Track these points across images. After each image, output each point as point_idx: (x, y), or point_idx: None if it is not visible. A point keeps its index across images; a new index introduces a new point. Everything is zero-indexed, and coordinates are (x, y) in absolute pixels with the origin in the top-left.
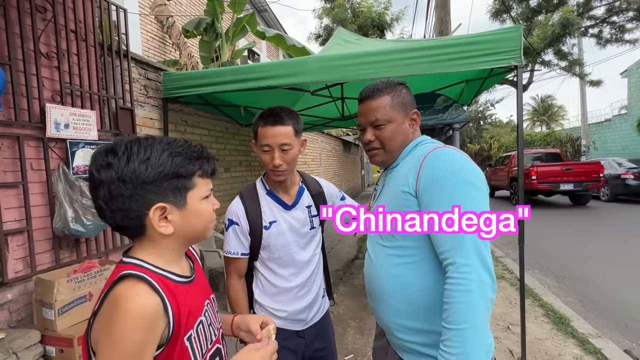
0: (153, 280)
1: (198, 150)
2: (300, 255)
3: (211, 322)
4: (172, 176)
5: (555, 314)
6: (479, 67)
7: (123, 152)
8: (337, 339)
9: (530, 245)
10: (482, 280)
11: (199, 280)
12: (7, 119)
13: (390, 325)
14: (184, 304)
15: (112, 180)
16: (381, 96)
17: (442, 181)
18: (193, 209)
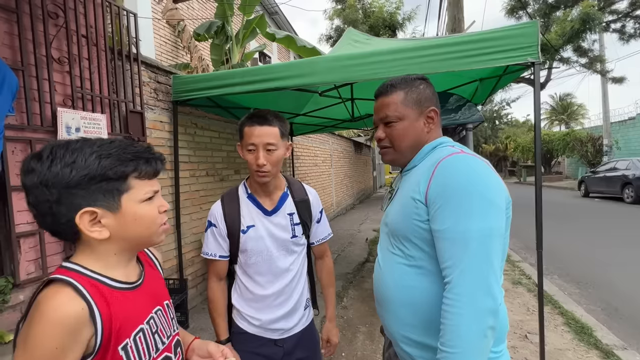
0: (81, 285)
1: (135, 150)
2: (279, 263)
3: (158, 330)
4: (99, 179)
5: (577, 322)
6: (493, 64)
7: (47, 156)
8: (346, 345)
9: (550, 250)
10: (478, 305)
11: (148, 286)
12: (20, 124)
13: (396, 336)
14: (119, 310)
15: (35, 185)
16: (394, 92)
17: (453, 192)
18: (130, 212)
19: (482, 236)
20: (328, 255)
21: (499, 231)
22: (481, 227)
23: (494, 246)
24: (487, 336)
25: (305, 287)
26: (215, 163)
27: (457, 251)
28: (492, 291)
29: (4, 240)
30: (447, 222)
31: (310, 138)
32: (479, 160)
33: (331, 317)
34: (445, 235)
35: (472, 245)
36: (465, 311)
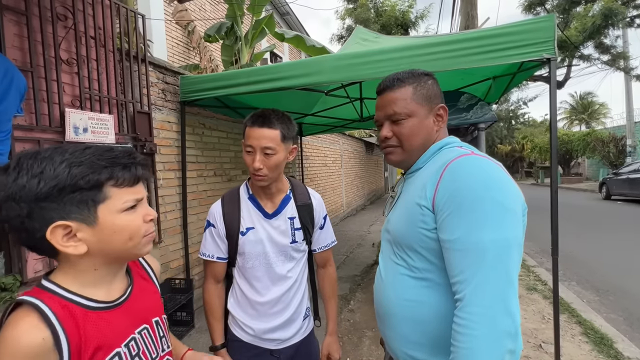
0: (51, 308)
1: (111, 156)
2: (277, 269)
3: (140, 352)
4: (70, 189)
5: (596, 333)
6: (506, 61)
7: (14, 167)
8: (352, 349)
9: (568, 254)
10: (496, 325)
11: (135, 303)
12: (29, 124)
13: (398, 354)
14: (92, 334)
15: (2, 199)
16: (402, 87)
17: (464, 198)
18: (108, 224)
19: (498, 247)
20: (331, 265)
21: (517, 241)
22: (497, 237)
23: (511, 258)
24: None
25: (305, 296)
26: (223, 163)
27: (470, 264)
28: (511, 310)
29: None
30: (458, 231)
31: (320, 138)
32: (492, 163)
33: (332, 330)
34: (456, 246)
35: (487, 257)
36: (480, 332)
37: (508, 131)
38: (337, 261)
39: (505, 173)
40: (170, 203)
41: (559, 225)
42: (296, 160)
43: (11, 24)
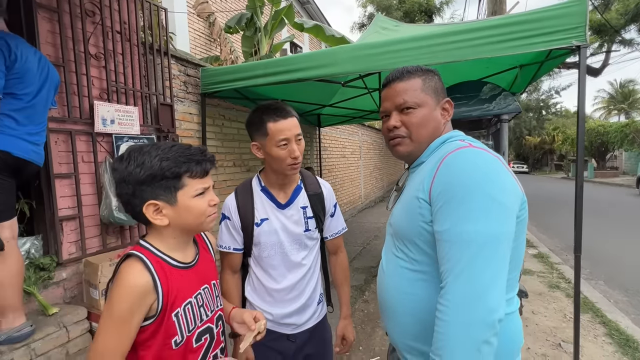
0: (149, 261)
1: (189, 153)
2: (292, 257)
3: (204, 303)
4: (160, 178)
5: (621, 334)
6: (532, 49)
7: (126, 157)
8: (365, 339)
9: (596, 252)
10: (472, 315)
11: (200, 267)
12: (62, 116)
13: (399, 345)
14: (174, 284)
15: (118, 180)
16: (411, 78)
17: (455, 191)
18: (184, 205)
19: (483, 239)
20: (342, 251)
21: (506, 236)
22: (483, 230)
23: (497, 252)
24: (480, 351)
25: (318, 282)
26: (242, 154)
27: (454, 254)
28: (488, 301)
29: (49, 223)
30: (447, 223)
31: (338, 129)
32: (489, 155)
33: (346, 314)
34: (444, 236)
35: (470, 248)
36: (454, 319)
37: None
38: (354, 252)
39: (503, 166)
40: None
41: (589, 222)
42: (314, 151)
43: (44, 21)
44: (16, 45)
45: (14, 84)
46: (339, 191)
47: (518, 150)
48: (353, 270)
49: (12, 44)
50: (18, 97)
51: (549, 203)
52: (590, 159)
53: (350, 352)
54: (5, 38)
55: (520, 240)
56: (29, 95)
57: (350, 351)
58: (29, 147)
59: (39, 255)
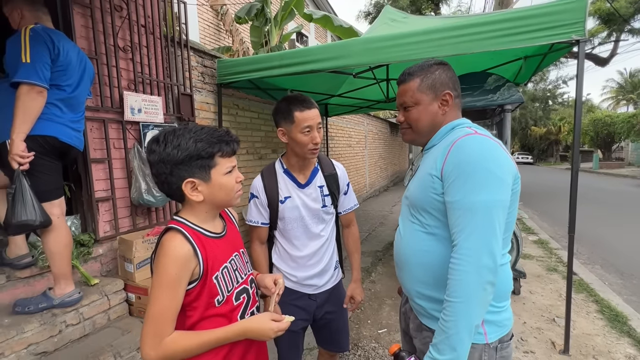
0: (188, 233)
1: (219, 135)
2: (312, 229)
3: (237, 268)
4: (196, 157)
5: (612, 311)
6: (533, 43)
7: (162, 140)
8: (372, 313)
9: (596, 239)
10: (480, 263)
11: (230, 237)
12: (95, 105)
13: (412, 292)
14: (211, 252)
15: (156, 161)
16: (411, 80)
17: (464, 168)
18: (217, 182)
19: (487, 207)
20: (354, 224)
21: (503, 203)
22: (487, 199)
23: (497, 216)
24: (486, 290)
25: (335, 251)
26: (254, 142)
27: (464, 219)
28: (492, 252)
29: (87, 204)
30: (458, 194)
31: (344, 119)
32: (491, 141)
33: (356, 278)
34: (456, 205)
35: (477, 214)
36: (468, 268)
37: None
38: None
39: (502, 149)
40: None
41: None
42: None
43: (79, 16)
44: (59, 41)
45: (58, 76)
46: None
47: (523, 141)
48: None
49: (55, 39)
50: (62, 88)
51: (551, 193)
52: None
53: (360, 325)
54: (49, 34)
55: (513, 208)
56: (71, 87)
57: (360, 324)
58: (72, 133)
59: (79, 232)
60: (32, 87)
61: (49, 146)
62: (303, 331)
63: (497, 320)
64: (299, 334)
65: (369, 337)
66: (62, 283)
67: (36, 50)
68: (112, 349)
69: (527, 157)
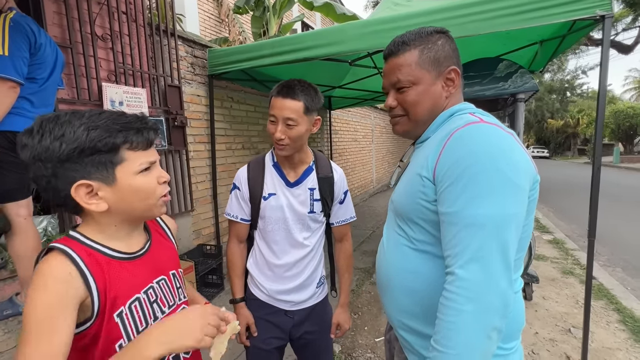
0: (77, 253)
1: (125, 121)
2: (294, 235)
3: (158, 299)
4: (90, 152)
5: (636, 321)
6: (552, 20)
7: (37, 130)
8: (371, 320)
9: (616, 239)
10: (484, 302)
11: (154, 256)
12: (71, 98)
13: (395, 322)
14: (114, 279)
15: (30, 160)
16: (407, 51)
17: (466, 169)
18: (126, 184)
19: (495, 223)
20: (348, 240)
21: (517, 218)
22: (495, 213)
23: (509, 235)
24: (491, 338)
25: (320, 264)
26: (251, 137)
27: (463, 239)
28: (500, 287)
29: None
30: (456, 204)
31: (350, 112)
32: (502, 131)
33: (343, 303)
34: (452, 219)
35: (482, 233)
36: (467, 308)
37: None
38: (364, 235)
39: (517, 142)
40: (201, 174)
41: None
42: (324, 135)
43: (50, 1)
44: (39, 32)
45: (35, 69)
46: (350, 175)
47: (539, 134)
48: (362, 253)
49: (36, 32)
50: (35, 81)
51: (568, 189)
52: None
53: (355, 332)
54: (30, 26)
55: (528, 220)
56: (43, 79)
57: (356, 331)
58: None
59: (55, 232)
60: (5, 82)
61: None
62: (278, 351)
63: None
64: (272, 354)
65: (364, 345)
66: None
67: (15, 42)
68: None
69: (543, 151)
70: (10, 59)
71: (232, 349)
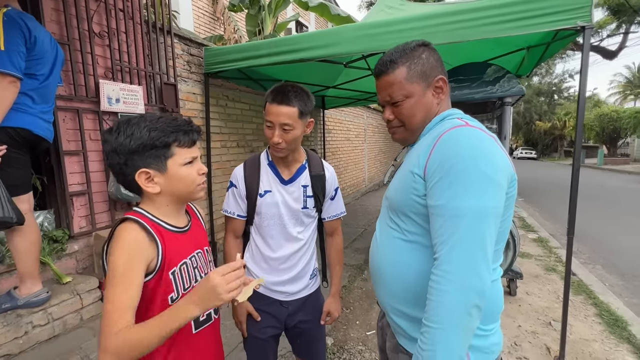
0: (145, 223)
1: (177, 124)
2: (288, 229)
3: (198, 266)
4: (150, 147)
5: (611, 315)
6: (535, 30)
7: (115, 129)
8: (362, 314)
9: (597, 238)
10: (465, 283)
11: (193, 233)
12: (68, 94)
13: (388, 308)
14: (170, 246)
15: (109, 151)
16: (395, 69)
17: (451, 167)
18: (174, 173)
19: (476, 215)
20: (339, 234)
21: (496, 211)
22: (476, 205)
23: (487, 226)
24: (471, 314)
25: (313, 257)
26: (245, 135)
27: (448, 228)
28: (480, 270)
29: (60, 198)
30: (443, 198)
31: (343, 112)
32: (484, 135)
33: (334, 292)
34: (439, 211)
35: (464, 222)
36: (450, 288)
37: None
38: (355, 233)
39: (497, 144)
40: None
41: (592, 208)
42: (318, 134)
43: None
44: (35, 28)
45: (33, 65)
46: (342, 174)
47: (527, 136)
48: (354, 250)
49: (31, 27)
50: (35, 78)
51: (554, 189)
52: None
53: (348, 326)
54: (24, 20)
55: (507, 215)
56: (44, 76)
57: (348, 325)
58: (43, 125)
59: (52, 228)
60: (5, 77)
61: (20, 138)
62: (274, 339)
63: (484, 345)
64: (268, 342)
65: (356, 339)
66: (28, 282)
67: (11, 37)
68: (80, 352)
69: (531, 152)
70: (6, 54)
71: (230, 339)
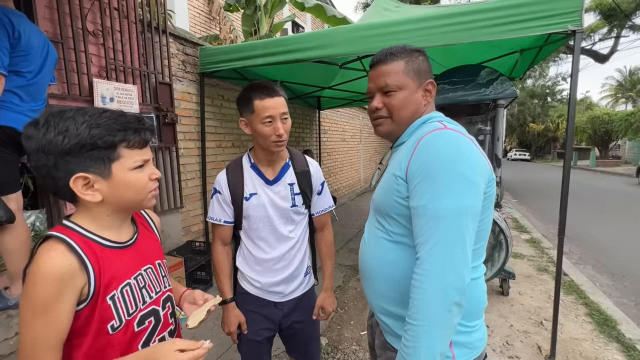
0: (74, 242)
1: (125, 120)
2: (279, 229)
3: (146, 285)
4: (90, 147)
5: (601, 314)
6: (527, 33)
7: (42, 124)
8: (356, 314)
9: (588, 239)
10: (445, 281)
11: (140, 247)
12: (62, 93)
13: (375, 307)
14: (108, 266)
15: (33, 150)
16: (394, 60)
17: (431, 169)
18: (120, 179)
19: (454, 214)
20: (328, 228)
21: (474, 210)
22: (455, 205)
23: (466, 224)
24: (451, 311)
25: (306, 255)
26: (240, 135)
27: (429, 228)
28: (459, 268)
29: (52, 198)
30: (423, 199)
31: (339, 112)
32: (462, 137)
33: (327, 287)
34: (420, 212)
35: (443, 222)
36: (431, 286)
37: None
38: (350, 234)
39: (475, 146)
40: (191, 171)
41: (584, 209)
42: (314, 134)
43: None
44: (19, 23)
45: (19, 61)
46: (338, 175)
47: (521, 138)
48: (348, 250)
49: (15, 22)
50: (22, 75)
51: (547, 191)
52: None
53: (342, 326)
54: (8, 16)
55: (486, 214)
56: (32, 73)
57: (342, 325)
58: None
59: (44, 227)
60: None
61: (6, 137)
62: (268, 341)
63: (468, 341)
64: (263, 344)
65: (350, 339)
66: (19, 282)
67: None
68: None
69: (525, 154)
70: None
71: (225, 340)
